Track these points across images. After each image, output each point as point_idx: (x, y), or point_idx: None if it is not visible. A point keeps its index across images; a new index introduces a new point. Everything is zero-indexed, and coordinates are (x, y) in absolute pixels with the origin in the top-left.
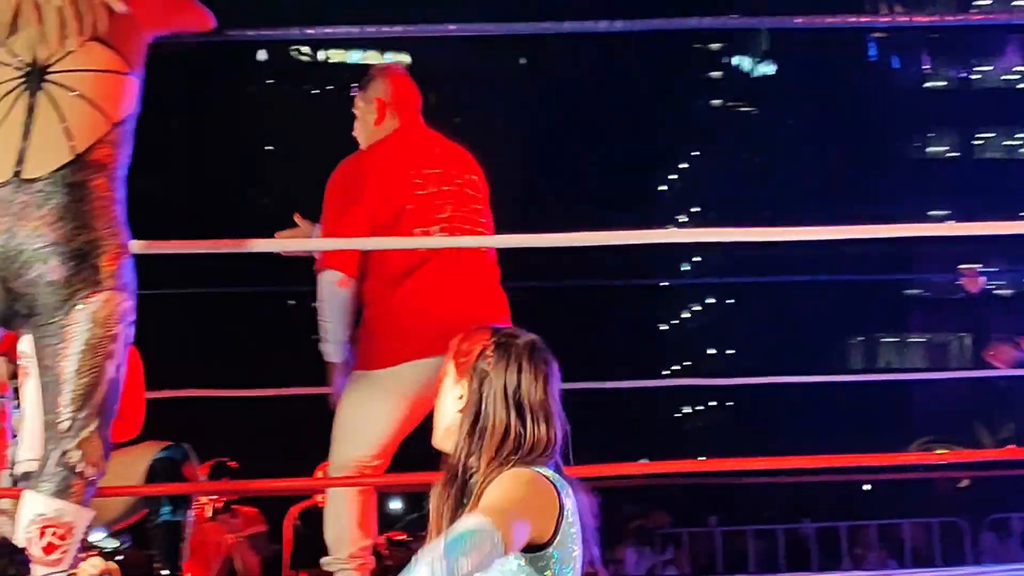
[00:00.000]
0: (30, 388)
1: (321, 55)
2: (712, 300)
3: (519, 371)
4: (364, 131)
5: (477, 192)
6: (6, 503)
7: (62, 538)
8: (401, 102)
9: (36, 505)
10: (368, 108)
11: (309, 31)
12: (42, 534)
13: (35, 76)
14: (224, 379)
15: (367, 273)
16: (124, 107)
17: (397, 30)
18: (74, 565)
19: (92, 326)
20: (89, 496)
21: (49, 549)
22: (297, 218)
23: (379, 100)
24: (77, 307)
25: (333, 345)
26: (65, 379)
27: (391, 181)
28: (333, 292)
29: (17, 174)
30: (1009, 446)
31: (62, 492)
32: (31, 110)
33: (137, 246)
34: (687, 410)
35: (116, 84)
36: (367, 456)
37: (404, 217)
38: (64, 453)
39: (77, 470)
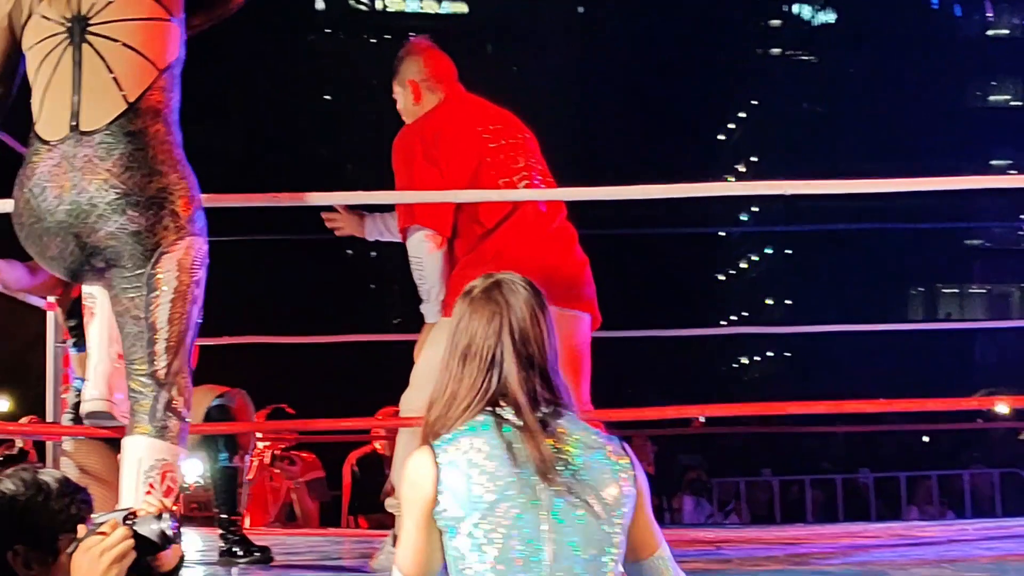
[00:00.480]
0: (95, 328)
1: (379, 4)
2: (770, 250)
3: (467, 317)
4: (407, 113)
5: (536, 148)
6: (69, 444)
7: (175, 481)
8: (435, 76)
9: (156, 450)
10: (404, 92)
11: None
12: (163, 478)
13: (77, 29)
14: (282, 327)
15: (457, 229)
16: (169, 53)
17: None
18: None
19: (179, 273)
20: (185, 438)
21: (168, 492)
22: (342, 210)
23: (412, 82)
24: (164, 255)
25: (434, 304)
26: (160, 327)
27: (462, 138)
28: (429, 251)
29: (74, 128)
30: None
31: (169, 436)
32: (78, 64)
33: (200, 200)
34: (745, 360)
35: (159, 31)
36: None
37: (483, 171)
38: (170, 400)
39: (181, 414)
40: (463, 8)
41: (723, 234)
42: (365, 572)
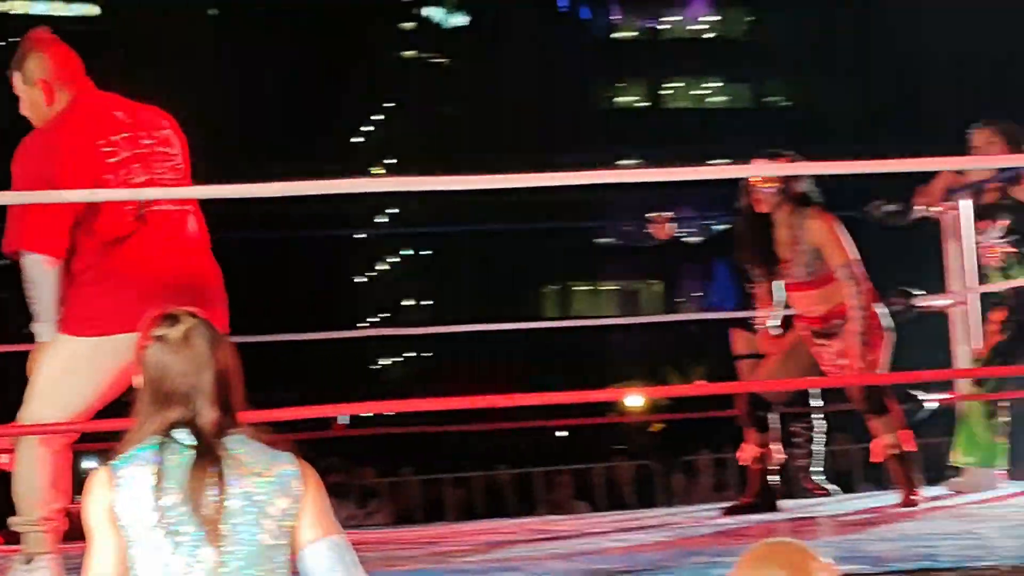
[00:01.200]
0: None
1: (4, 5)
2: (409, 251)
3: (158, 354)
4: (36, 114)
5: (171, 147)
6: None
7: None
8: (66, 75)
9: None
10: (34, 91)
11: None
12: None
13: None
14: None
15: (76, 244)
16: None
17: None
18: None
19: None
20: None
21: None
22: None
23: (43, 82)
24: None
25: (47, 325)
26: None
27: (81, 155)
28: (42, 273)
29: None
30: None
31: None
32: None
33: None
34: (385, 362)
35: None
36: (61, 420)
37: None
38: None
39: None
40: (94, 10)
41: (361, 236)
42: None
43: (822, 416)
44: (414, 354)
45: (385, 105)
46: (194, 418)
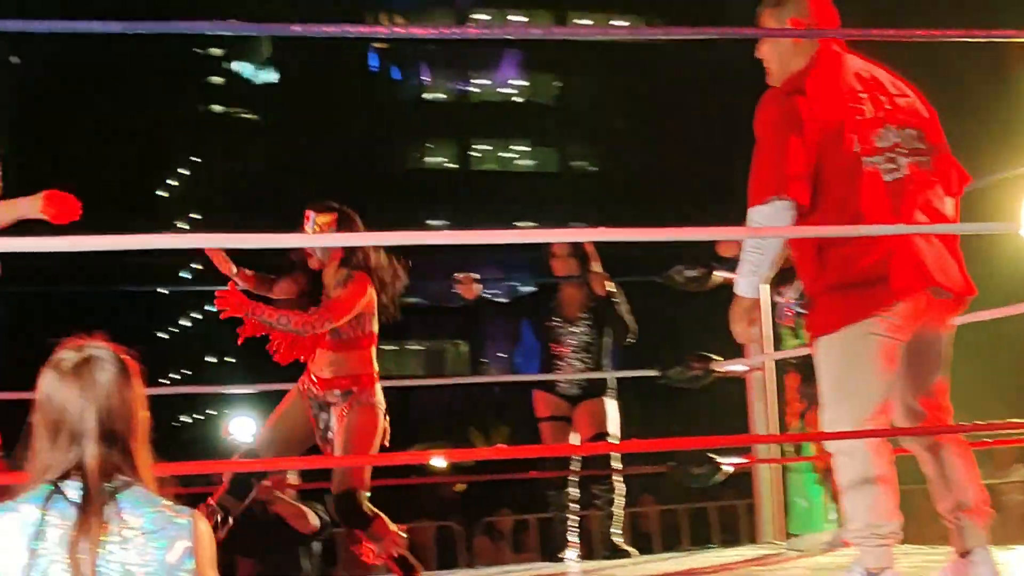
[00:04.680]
0: None
1: None
2: (212, 308)
3: (57, 390)
4: (778, 52)
5: (916, 115)
6: None
7: None
8: (820, 23)
9: None
10: (783, 30)
11: None
12: None
13: None
14: None
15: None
16: None
17: None
18: None
19: None
20: None
21: None
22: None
23: (794, 20)
24: None
25: (757, 279)
26: None
27: (827, 103)
28: (780, 221)
29: None
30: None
31: None
32: None
33: None
34: (186, 419)
35: None
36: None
37: (845, 140)
38: None
39: None
40: None
41: (165, 292)
42: None
43: (622, 478)
44: (215, 412)
45: (191, 159)
46: (81, 461)
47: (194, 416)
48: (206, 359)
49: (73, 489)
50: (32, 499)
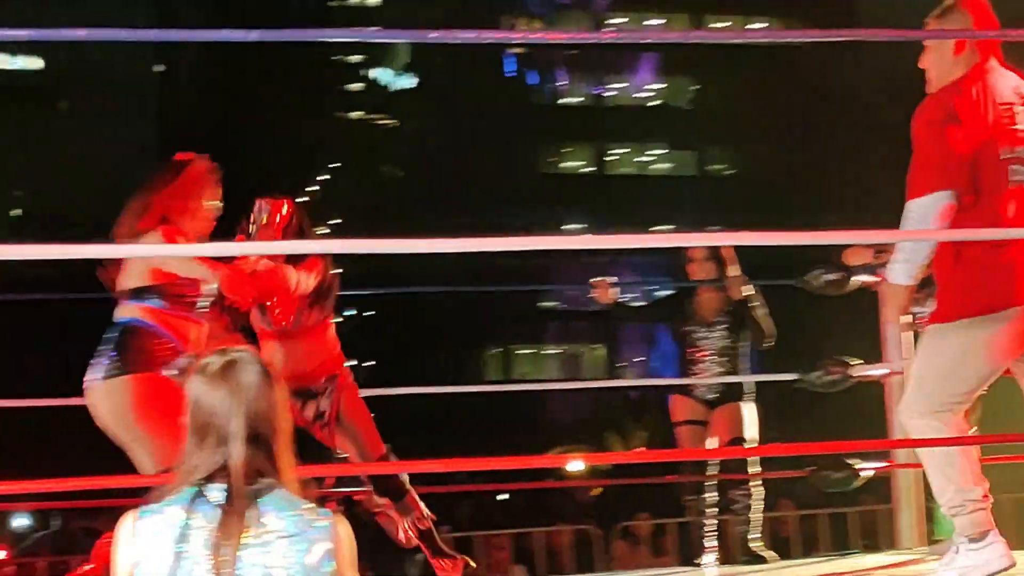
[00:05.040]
0: None
1: None
2: (352, 312)
3: (204, 393)
4: (939, 62)
5: None
6: None
7: None
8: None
9: None
10: (945, 42)
11: None
12: None
13: None
14: None
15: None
16: None
17: (23, 34)
18: None
19: None
20: None
21: None
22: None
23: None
24: None
25: (911, 267)
26: None
27: (982, 110)
28: (937, 213)
29: None
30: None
31: None
32: None
33: None
34: None
35: None
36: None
37: (995, 146)
38: None
39: None
40: (38, 63)
41: None
42: None
43: (760, 483)
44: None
45: (331, 165)
46: (227, 463)
47: None
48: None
49: (217, 491)
50: (177, 501)
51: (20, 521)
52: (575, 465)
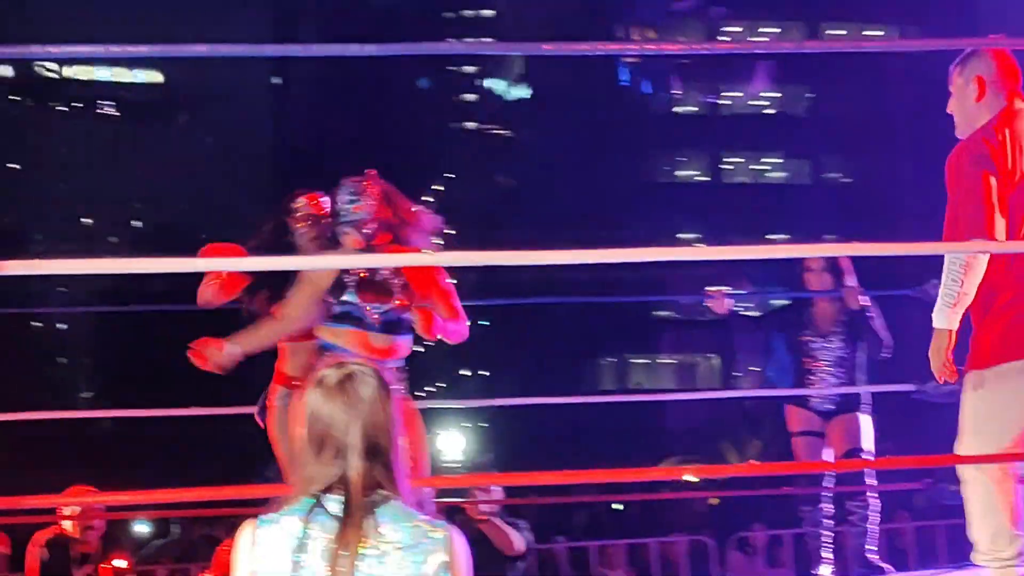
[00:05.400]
0: None
1: (68, 71)
2: (468, 322)
3: (321, 406)
4: (963, 109)
5: None
6: None
7: None
8: (1004, 78)
9: None
10: (968, 87)
11: (53, 50)
12: None
13: None
14: None
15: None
16: None
17: (144, 50)
18: None
19: None
20: None
21: None
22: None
23: (980, 78)
24: None
25: (951, 311)
26: None
27: (1009, 155)
28: (979, 262)
29: None
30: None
31: None
32: None
33: None
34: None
35: None
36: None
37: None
38: None
39: None
40: (159, 77)
41: None
42: None
43: (877, 495)
44: (470, 425)
45: (445, 175)
46: (344, 474)
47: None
48: (459, 372)
49: (334, 502)
50: (294, 511)
51: (140, 528)
52: (690, 478)
